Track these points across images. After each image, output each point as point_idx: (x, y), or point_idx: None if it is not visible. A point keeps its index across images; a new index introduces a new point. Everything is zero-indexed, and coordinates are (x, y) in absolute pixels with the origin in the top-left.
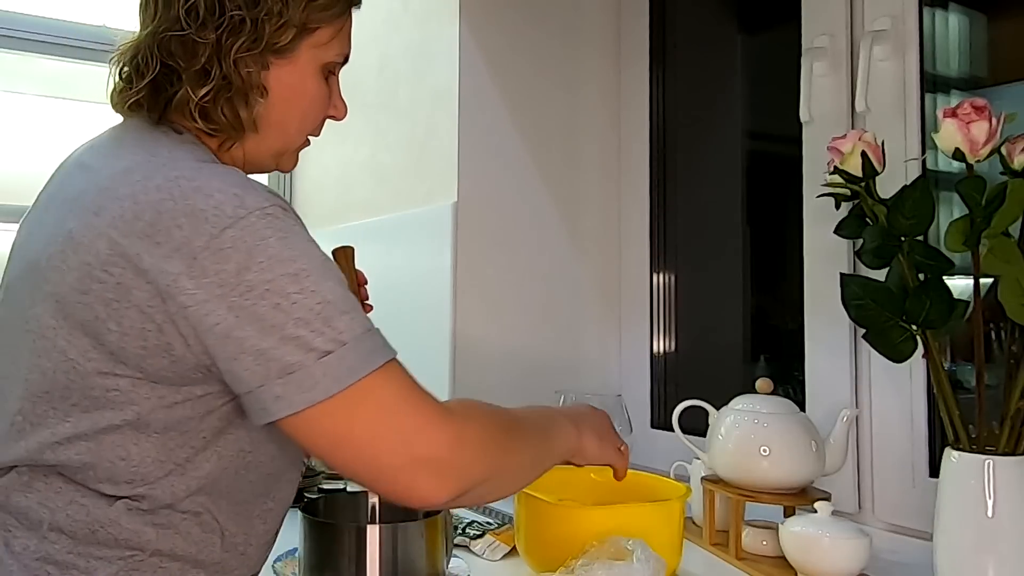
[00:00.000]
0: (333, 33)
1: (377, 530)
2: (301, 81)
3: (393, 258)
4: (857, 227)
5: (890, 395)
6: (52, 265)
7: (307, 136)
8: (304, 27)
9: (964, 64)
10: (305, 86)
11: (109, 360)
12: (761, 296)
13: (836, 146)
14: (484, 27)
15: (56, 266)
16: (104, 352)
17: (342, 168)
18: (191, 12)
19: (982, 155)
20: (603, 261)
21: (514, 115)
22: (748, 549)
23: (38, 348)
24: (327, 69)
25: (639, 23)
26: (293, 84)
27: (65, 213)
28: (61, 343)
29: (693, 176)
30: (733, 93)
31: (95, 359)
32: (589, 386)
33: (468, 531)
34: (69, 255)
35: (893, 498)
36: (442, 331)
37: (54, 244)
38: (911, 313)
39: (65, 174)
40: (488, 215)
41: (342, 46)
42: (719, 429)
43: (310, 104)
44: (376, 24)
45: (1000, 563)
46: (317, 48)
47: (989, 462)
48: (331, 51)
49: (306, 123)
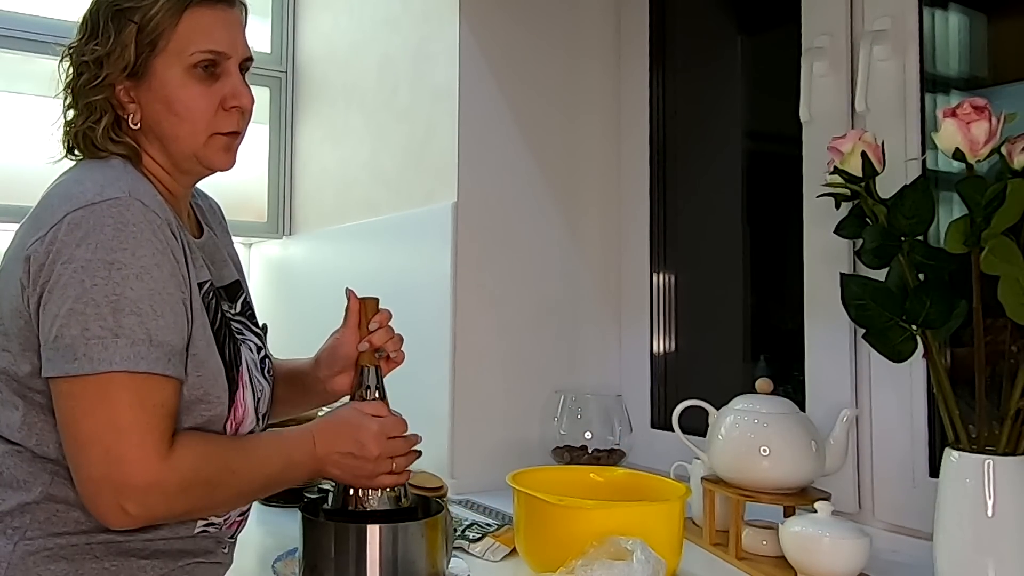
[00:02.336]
0: (173, 37)
1: (377, 530)
2: (165, 91)
3: (393, 258)
4: (857, 227)
5: (890, 395)
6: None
7: (213, 133)
8: (144, 46)
9: (964, 64)
10: (169, 94)
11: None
12: (761, 296)
13: (836, 146)
14: (484, 27)
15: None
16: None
17: (342, 168)
18: (63, 73)
19: (982, 155)
20: (603, 261)
21: (514, 115)
22: (748, 549)
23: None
24: (197, 69)
25: (639, 23)
26: (159, 97)
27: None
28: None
29: (693, 176)
30: (733, 93)
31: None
32: (589, 386)
33: (468, 534)
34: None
35: (893, 498)
36: (442, 331)
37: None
38: (911, 313)
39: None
40: (488, 215)
41: (197, 44)
42: (719, 429)
43: (183, 109)
44: (376, 24)
45: (1000, 563)
46: (167, 56)
47: (989, 462)
48: (184, 53)
49: (191, 125)
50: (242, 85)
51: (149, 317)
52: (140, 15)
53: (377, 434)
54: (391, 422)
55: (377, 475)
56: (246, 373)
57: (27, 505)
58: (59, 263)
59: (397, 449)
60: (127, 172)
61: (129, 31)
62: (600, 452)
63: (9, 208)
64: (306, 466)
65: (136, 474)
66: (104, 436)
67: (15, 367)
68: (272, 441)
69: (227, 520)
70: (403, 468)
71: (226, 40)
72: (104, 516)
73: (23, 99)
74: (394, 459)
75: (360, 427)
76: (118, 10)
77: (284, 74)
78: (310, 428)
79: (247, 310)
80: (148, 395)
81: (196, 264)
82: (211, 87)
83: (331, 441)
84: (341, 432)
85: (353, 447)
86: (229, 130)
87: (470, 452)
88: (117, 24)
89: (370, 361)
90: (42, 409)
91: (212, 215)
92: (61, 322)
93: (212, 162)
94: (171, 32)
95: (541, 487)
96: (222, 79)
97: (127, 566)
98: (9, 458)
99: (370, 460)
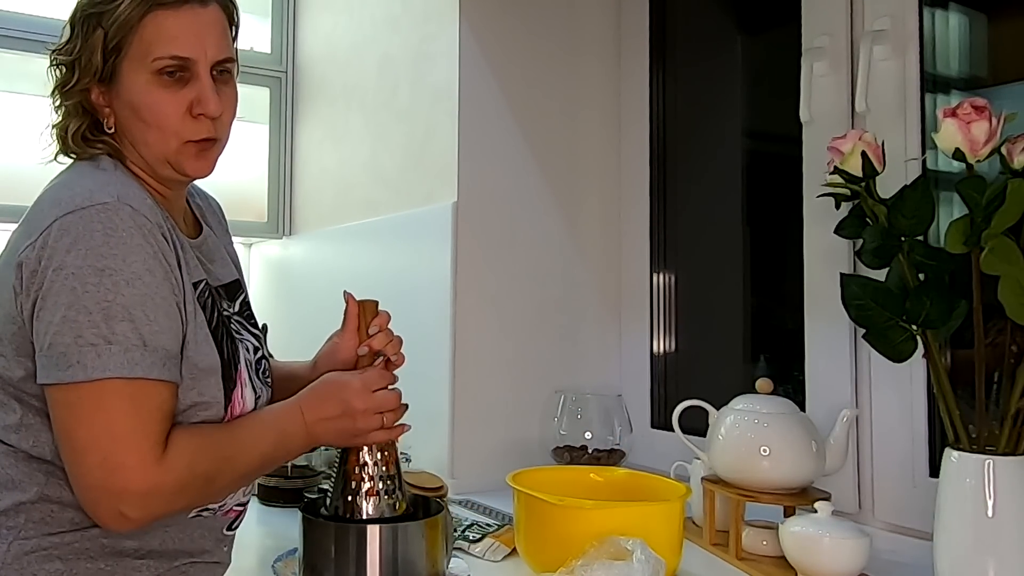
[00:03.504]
0: (135, 42)
1: (377, 530)
2: (131, 97)
3: (393, 258)
4: (857, 227)
5: (890, 395)
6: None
7: (184, 140)
8: (111, 50)
9: (964, 64)
10: (135, 100)
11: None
12: (761, 296)
13: (836, 146)
14: (484, 27)
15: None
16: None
17: (342, 168)
18: (50, 78)
19: (982, 155)
20: (603, 261)
21: (514, 115)
22: (748, 549)
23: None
24: (164, 74)
25: (639, 23)
26: (126, 102)
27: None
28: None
29: (693, 176)
30: (733, 93)
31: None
32: (589, 386)
33: (468, 534)
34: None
35: (893, 498)
36: (442, 331)
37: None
38: (911, 313)
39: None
40: (488, 215)
41: (160, 49)
42: (719, 429)
43: (150, 115)
44: (376, 24)
45: (1000, 563)
46: (131, 61)
47: (989, 462)
48: (147, 58)
49: (160, 131)
50: (210, 91)
51: (142, 322)
52: (107, 19)
53: (360, 389)
54: (373, 375)
55: (368, 431)
56: (244, 371)
57: (22, 505)
58: (50, 270)
59: (384, 403)
60: (117, 175)
61: (97, 35)
62: (600, 452)
63: (8, 208)
64: (299, 436)
65: (134, 480)
66: (101, 443)
67: (9, 371)
68: (262, 419)
69: (223, 507)
70: (393, 422)
71: (191, 44)
72: (105, 522)
73: (23, 99)
74: (383, 414)
75: (343, 386)
76: (89, 14)
77: (284, 74)
78: (296, 399)
79: (246, 310)
80: (143, 400)
81: (190, 265)
82: (178, 92)
83: (317, 407)
84: (325, 396)
85: (339, 407)
86: (200, 137)
87: (470, 452)
88: (86, 28)
89: (369, 364)
90: (38, 412)
91: (211, 214)
92: (55, 330)
93: (185, 169)
94: (133, 36)
95: (541, 487)
96: (190, 84)
97: (122, 566)
98: (4, 458)
99: (358, 417)
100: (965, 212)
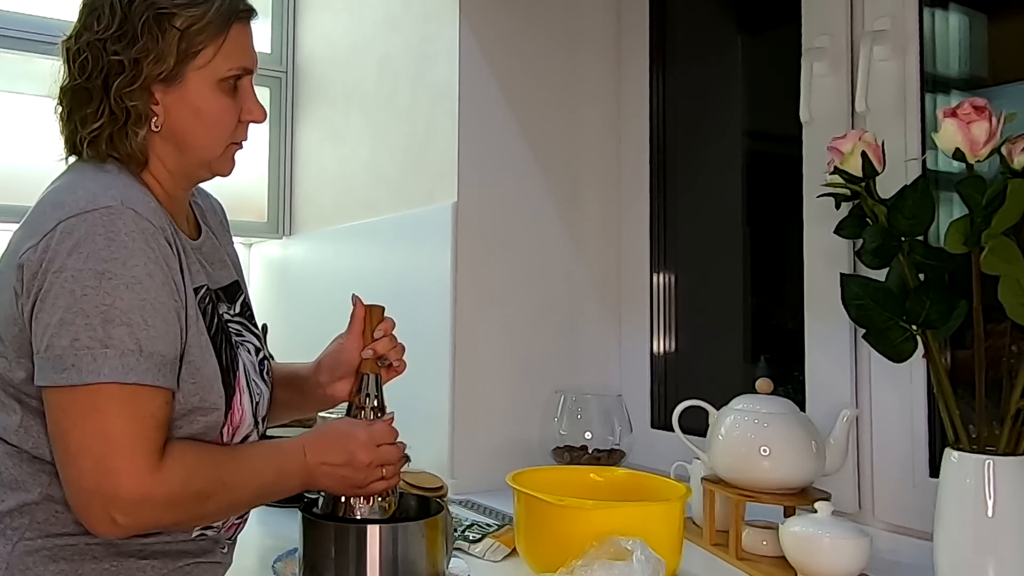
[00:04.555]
0: (215, 51)
1: (377, 530)
2: (197, 101)
3: (393, 258)
4: (857, 227)
5: (890, 395)
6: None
7: (227, 144)
8: (185, 55)
9: (964, 64)
10: (201, 105)
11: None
12: (761, 296)
13: (836, 146)
14: (484, 27)
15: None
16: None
17: (342, 168)
18: (79, 65)
19: (982, 155)
20: (603, 261)
21: (514, 115)
22: (748, 549)
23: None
24: (226, 82)
25: (639, 23)
26: (189, 105)
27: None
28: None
29: (693, 176)
30: (733, 93)
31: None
32: (589, 386)
33: (468, 534)
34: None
35: (893, 498)
36: (442, 331)
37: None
38: (911, 313)
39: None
40: (488, 215)
41: (233, 60)
42: (719, 429)
43: (212, 120)
44: (376, 24)
45: (1000, 563)
46: (204, 68)
47: (989, 462)
48: (221, 68)
49: (215, 136)
50: (258, 100)
51: (139, 327)
52: (184, 23)
53: (366, 442)
54: (380, 430)
55: (368, 483)
56: (243, 377)
57: (26, 506)
58: (51, 272)
59: (388, 457)
60: (121, 178)
61: (171, 36)
62: (600, 452)
63: (9, 208)
64: (298, 476)
65: (126, 486)
66: (94, 447)
67: (10, 373)
68: (263, 452)
69: (225, 523)
70: (393, 474)
71: (253, 56)
72: (93, 525)
73: (23, 99)
74: (384, 467)
75: (349, 436)
76: (160, 13)
77: (284, 74)
78: (301, 439)
79: (246, 311)
80: (138, 406)
81: (192, 269)
82: (234, 100)
83: (321, 451)
84: (330, 442)
85: (343, 456)
86: (243, 140)
87: (470, 452)
88: (160, 28)
89: (372, 369)
90: (39, 413)
91: (212, 215)
92: (52, 332)
93: (222, 170)
94: (214, 46)
95: (541, 487)
96: (240, 92)
97: (126, 567)
98: (8, 459)
99: (361, 469)
100: (965, 212)
